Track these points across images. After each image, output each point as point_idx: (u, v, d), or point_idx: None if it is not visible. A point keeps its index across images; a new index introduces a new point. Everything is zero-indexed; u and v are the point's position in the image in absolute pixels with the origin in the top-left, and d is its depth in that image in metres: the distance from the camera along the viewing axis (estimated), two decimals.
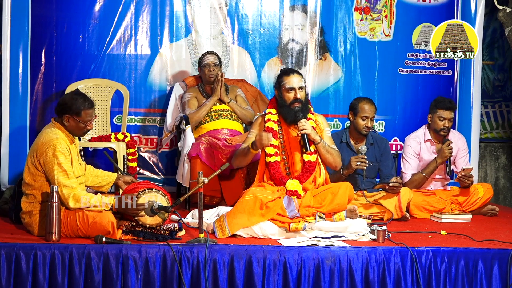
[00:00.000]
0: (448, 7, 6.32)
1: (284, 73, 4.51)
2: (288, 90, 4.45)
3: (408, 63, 6.34)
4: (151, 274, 3.63)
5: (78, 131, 4.07)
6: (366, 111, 5.01)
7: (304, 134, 4.40)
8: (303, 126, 4.39)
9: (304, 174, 4.42)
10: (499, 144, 6.95)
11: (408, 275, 3.82)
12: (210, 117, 5.39)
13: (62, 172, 3.88)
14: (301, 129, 4.40)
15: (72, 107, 3.99)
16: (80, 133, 4.09)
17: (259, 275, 3.69)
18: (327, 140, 4.56)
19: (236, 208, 4.14)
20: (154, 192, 4.00)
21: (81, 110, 4.00)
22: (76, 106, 3.99)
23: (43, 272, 3.57)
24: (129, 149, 5.46)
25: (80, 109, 4.00)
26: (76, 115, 4.00)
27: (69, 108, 3.99)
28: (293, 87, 4.44)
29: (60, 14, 5.80)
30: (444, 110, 5.21)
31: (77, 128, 4.04)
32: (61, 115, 4.03)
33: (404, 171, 5.31)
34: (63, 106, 4.01)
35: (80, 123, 4.02)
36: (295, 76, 4.47)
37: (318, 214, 4.22)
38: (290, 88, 4.44)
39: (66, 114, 4.00)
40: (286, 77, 4.47)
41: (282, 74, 4.53)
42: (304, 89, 4.50)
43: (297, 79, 4.46)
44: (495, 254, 3.92)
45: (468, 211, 5.15)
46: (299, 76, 4.49)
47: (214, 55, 5.57)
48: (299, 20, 6.22)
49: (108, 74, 5.91)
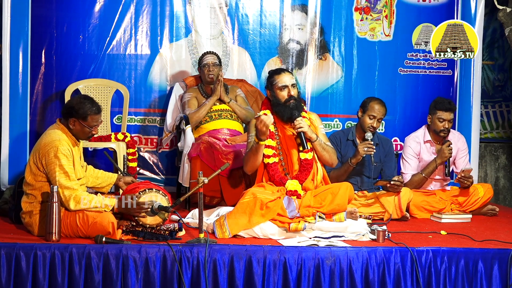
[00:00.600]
0: (448, 7, 6.32)
1: (275, 73, 4.53)
2: (281, 88, 4.45)
3: (408, 63, 6.34)
4: (151, 274, 3.63)
5: (83, 135, 4.08)
6: (375, 111, 5.03)
7: (301, 132, 4.40)
8: (299, 124, 4.39)
9: (302, 173, 4.43)
10: (499, 144, 6.95)
11: (408, 275, 3.82)
12: (210, 117, 5.39)
13: (63, 174, 3.88)
14: (297, 127, 4.40)
15: (79, 111, 3.99)
16: (84, 137, 4.09)
17: (259, 275, 3.69)
18: (322, 137, 4.57)
19: (237, 209, 4.14)
20: (155, 192, 4.01)
21: (87, 115, 4.00)
22: (83, 110, 3.99)
23: (43, 272, 3.57)
24: (129, 149, 5.46)
25: (87, 114, 4.00)
26: (82, 119, 4.00)
27: (76, 112, 3.99)
28: (286, 85, 4.44)
29: (60, 14, 5.80)
30: (444, 111, 5.21)
31: (82, 132, 4.05)
32: (67, 118, 4.03)
33: (404, 172, 5.31)
34: (70, 109, 4.01)
35: (86, 127, 4.03)
36: (286, 74, 4.49)
37: (318, 214, 4.22)
38: (283, 86, 4.45)
39: (72, 118, 4.01)
40: (278, 76, 4.48)
41: (273, 73, 4.54)
42: (296, 87, 4.51)
43: (288, 77, 4.48)
44: (495, 254, 3.92)
45: (468, 211, 5.15)
46: (289, 74, 4.52)
47: (214, 55, 5.57)
48: (299, 20, 6.22)
49: (108, 74, 5.91)
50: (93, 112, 4.02)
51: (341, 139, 5.17)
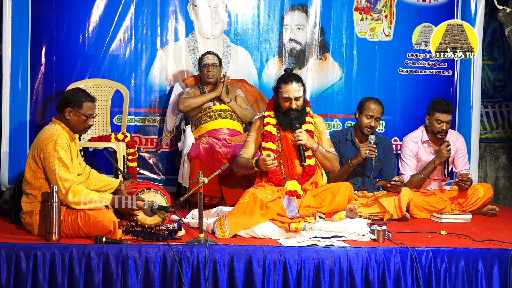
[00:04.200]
0: (448, 7, 6.33)
1: (283, 80, 4.43)
2: (284, 99, 4.41)
3: (408, 63, 6.34)
4: (151, 274, 3.63)
5: (79, 126, 4.06)
6: (372, 110, 5.02)
7: (300, 145, 4.39)
8: (298, 137, 4.36)
9: (304, 178, 4.42)
10: (499, 144, 6.95)
11: (408, 275, 3.82)
12: (210, 117, 5.39)
13: (63, 166, 3.87)
14: (296, 140, 4.38)
15: (74, 99, 4.01)
16: (81, 128, 4.08)
17: (259, 275, 3.68)
18: (325, 143, 4.55)
19: (237, 209, 4.14)
20: (153, 192, 4.01)
21: (83, 102, 4.01)
22: (78, 98, 4.02)
23: (43, 272, 3.56)
24: (129, 149, 5.46)
25: (82, 101, 4.01)
26: (78, 107, 4.01)
27: (70, 100, 4.01)
28: (289, 97, 4.39)
29: (60, 14, 5.81)
30: (442, 113, 5.20)
31: (78, 122, 4.04)
32: (62, 110, 4.03)
33: (403, 172, 5.30)
34: (64, 100, 4.04)
35: (82, 115, 4.02)
36: (293, 85, 4.38)
37: (318, 214, 4.22)
38: (286, 97, 4.40)
39: (67, 107, 4.01)
40: (284, 85, 4.40)
41: (281, 80, 4.45)
42: (302, 97, 4.43)
43: (295, 88, 4.38)
44: (495, 254, 3.91)
45: (468, 211, 5.15)
46: (297, 84, 4.40)
47: (214, 55, 5.57)
48: (299, 20, 6.22)
49: (108, 74, 5.91)
50: (88, 100, 4.04)
51: (340, 139, 5.17)
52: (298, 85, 4.40)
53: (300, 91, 4.41)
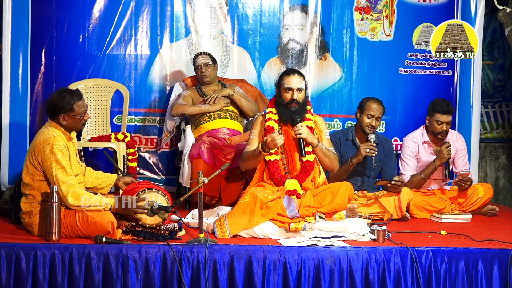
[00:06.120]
0: (448, 7, 6.33)
1: (285, 73, 4.51)
2: (286, 90, 4.44)
3: (409, 63, 6.34)
4: (151, 274, 3.63)
5: (77, 125, 4.07)
6: (373, 110, 5.03)
7: (300, 138, 4.39)
8: (299, 130, 4.37)
9: (302, 174, 4.42)
10: (499, 144, 6.95)
11: (408, 275, 3.82)
12: (209, 116, 5.39)
13: (60, 168, 3.88)
14: (297, 133, 4.38)
15: (63, 105, 3.98)
16: (79, 126, 4.09)
17: (259, 275, 3.68)
18: (325, 142, 4.55)
19: (237, 209, 4.14)
20: (154, 192, 4.01)
21: (72, 105, 3.99)
22: (66, 103, 3.98)
23: (43, 272, 3.56)
24: (129, 149, 5.46)
25: (71, 104, 3.99)
26: (70, 111, 3.99)
27: (60, 107, 3.98)
28: (291, 88, 4.43)
29: (60, 14, 5.81)
30: (442, 114, 5.20)
31: (74, 123, 4.04)
32: (55, 117, 4.02)
33: (403, 172, 5.30)
34: (53, 108, 4.00)
35: (76, 117, 4.02)
36: (295, 76, 4.45)
37: (318, 214, 4.22)
38: (288, 88, 4.43)
39: (60, 114, 4.00)
40: (286, 77, 4.47)
41: (284, 73, 4.53)
42: (304, 91, 4.47)
43: (297, 80, 4.44)
44: (495, 254, 3.91)
45: (468, 211, 5.15)
46: (299, 77, 4.47)
47: (205, 55, 5.58)
48: (299, 20, 6.22)
49: (108, 74, 5.91)
50: (76, 100, 4.01)
51: (340, 139, 5.17)
52: (300, 78, 4.46)
53: (302, 83, 4.45)
